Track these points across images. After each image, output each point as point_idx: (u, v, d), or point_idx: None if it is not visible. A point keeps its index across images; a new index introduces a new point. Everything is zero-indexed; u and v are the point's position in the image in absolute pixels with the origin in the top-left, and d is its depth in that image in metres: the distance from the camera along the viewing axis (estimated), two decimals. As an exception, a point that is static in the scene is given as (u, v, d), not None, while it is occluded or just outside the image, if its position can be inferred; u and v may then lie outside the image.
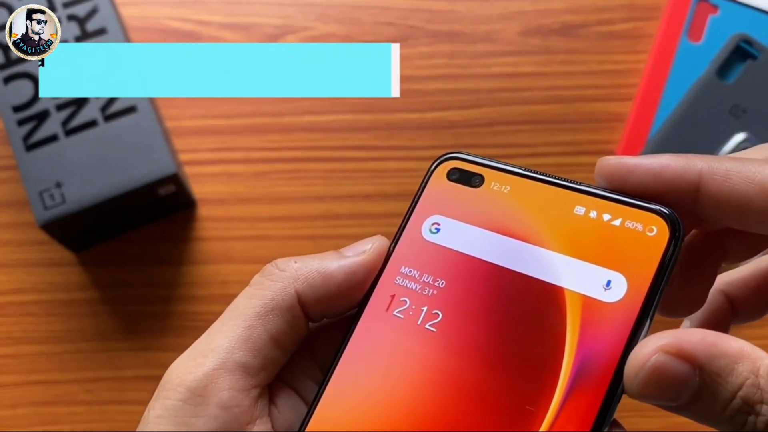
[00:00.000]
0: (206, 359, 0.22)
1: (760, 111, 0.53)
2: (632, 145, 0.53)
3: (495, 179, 0.24)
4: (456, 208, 0.24)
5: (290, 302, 0.23)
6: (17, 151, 0.48)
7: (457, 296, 0.23)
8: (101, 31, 0.50)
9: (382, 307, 0.24)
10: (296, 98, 0.55)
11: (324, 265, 0.24)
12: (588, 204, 0.23)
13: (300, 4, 0.57)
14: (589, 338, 0.21)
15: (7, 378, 0.50)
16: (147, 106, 0.49)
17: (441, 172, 0.25)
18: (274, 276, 0.24)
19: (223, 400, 0.22)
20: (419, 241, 0.24)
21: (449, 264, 0.24)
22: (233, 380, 0.22)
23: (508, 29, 0.57)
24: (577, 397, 0.21)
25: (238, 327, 0.23)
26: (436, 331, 0.23)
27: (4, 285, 0.51)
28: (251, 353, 0.23)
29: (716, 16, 0.56)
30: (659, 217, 0.22)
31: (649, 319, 0.21)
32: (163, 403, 0.22)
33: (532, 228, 0.23)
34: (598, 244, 0.22)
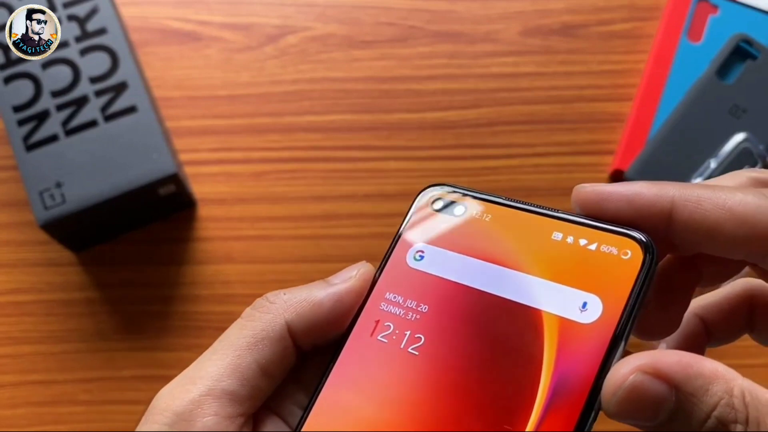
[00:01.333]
0: (194, 386, 0.23)
1: (759, 111, 0.53)
2: (632, 145, 0.53)
3: (477, 208, 0.25)
4: (440, 237, 0.25)
5: (281, 333, 0.24)
6: (17, 151, 0.48)
7: (439, 320, 0.24)
8: (101, 31, 0.50)
9: (367, 332, 0.24)
10: (296, 98, 0.55)
11: (312, 294, 0.24)
12: (565, 230, 0.24)
13: (300, 4, 0.57)
14: (566, 359, 0.22)
15: (7, 378, 0.50)
16: (147, 106, 0.49)
17: (426, 202, 0.26)
18: (265, 308, 0.24)
19: (208, 425, 0.22)
20: (404, 268, 0.25)
21: (432, 290, 0.24)
22: (219, 407, 0.23)
23: (508, 29, 0.57)
24: (553, 417, 0.21)
25: (227, 356, 0.23)
26: (418, 354, 0.23)
27: (4, 285, 0.51)
28: (239, 382, 0.23)
29: (716, 16, 0.56)
30: (633, 241, 0.22)
31: (623, 340, 0.22)
32: (150, 426, 0.22)
33: (512, 253, 0.24)
34: (574, 268, 0.23)
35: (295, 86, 0.56)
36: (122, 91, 0.49)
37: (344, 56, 0.56)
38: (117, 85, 0.49)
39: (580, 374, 0.21)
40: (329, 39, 0.57)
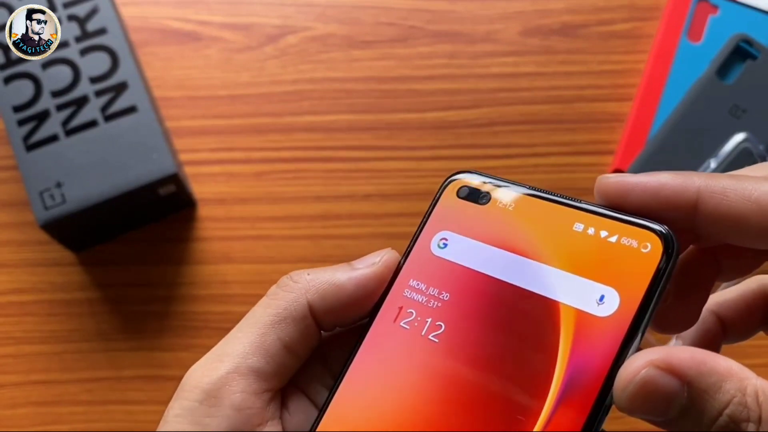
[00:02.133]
0: (222, 363, 0.24)
1: (759, 111, 0.53)
2: (632, 145, 0.53)
3: (501, 197, 0.26)
4: (464, 224, 0.26)
5: (303, 312, 0.24)
6: (17, 151, 0.48)
7: (459, 309, 0.24)
8: (101, 31, 0.50)
9: (390, 318, 0.25)
10: (296, 98, 0.55)
11: (335, 276, 0.25)
12: (586, 221, 0.24)
13: (300, 4, 0.57)
14: (581, 351, 0.22)
15: (8, 378, 0.50)
16: (147, 106, 0.49)
17: (451, 189, 0.27)
18: (288, 287, 0.25)
19: (236, 402, 0.23)
20: (428, 256, 0.26)
21: (454, 278, 0.25)
22: (246, 384, 0.23)
23: (508, 29, 0.57)
24: (565, 408, 0.21)
25: (252, 334, 0.24)
26: (438, 342, 0.24)
27: (5, 285, 0.51)
28: (264, 359, 0.24)
29: (716, 16, 0.56)
30: (653, 234, 0.22)
31: (639, 334, 0.22)
32: (180, 403, 0.23)
33: (533, 244, 0.24)
34: (594, 260, 0.23)
35: (295, 86, 0.56)
36: (122, 91, 0.49)
37: (344, 56, 0.56)
38: (117, 85, 0.49)
39: (594, 367, 0.21)
40: (329, 39, 0.57)
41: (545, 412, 0.21)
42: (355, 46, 0.57)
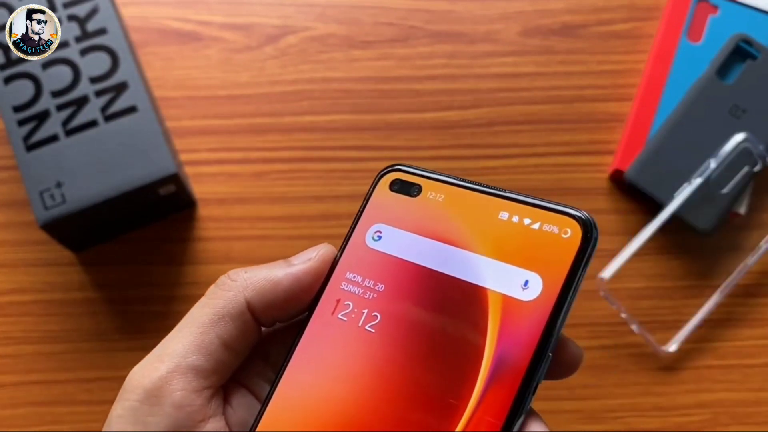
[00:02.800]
0: (162, 363, 0.24)
1: (759, 111, 0.53)
2: (632, 145, 0.53)
3: (431, 189, 0.27)
4: (397, 217, 0.27)
5: (241, 309, 0.25)
6: (17, 151, 0.48)
7: (394, 299, 0.25)
8: (101, 31, 0.50)
9: (328, 311, 0.26)
10: (296, 98, 0.55)
11: (272, 273, 0.26)
12: (511, 209, 0.25)
13: (300, 4, 0.57)
14: (508, 333, 0.23)
15: (7, 378, 0.50)
16: (147, 106, 0.49)
17: (384, 182, 0.28)
18: (226, 286, 0.26)
19: (176, 400, 0.24)
20: (363, 248, 0.27)
21: (388, 269, 0.26)
22: (186, 382, 0.24)
23: (508, 29, 0.57)
24: (495, 388, 0.23)
25: (191, 333, 0.25)
26: (374, 332, 0.25)
27: (4, 285, 0.51)
28: (204, 357, 0.24)
29: (716, 16, 0.56)
30: (573, 220, 0.24)
31: (562, 316, 0.23)
32: (122, 404, 0.24)
33: (462, 233, 0.25)
34: (518, 246, 0.24)
35: (295, 86, 0.56)
36: (122, 91, 0.49)
37: (344, 56, 0.56)
38: (117, 85, 0.49)
39: (521, 349, 0.23)
40: (329, 39, 0.57)
41: (476, 394, 0.23)
42: (355, 46, 0.57)
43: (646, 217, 0.52)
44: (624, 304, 0.51)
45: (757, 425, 0.50)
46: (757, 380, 0.51)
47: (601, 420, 0.49)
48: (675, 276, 0.52)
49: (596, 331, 0.51)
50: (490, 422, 0.22)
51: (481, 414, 0.22)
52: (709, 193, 0.51)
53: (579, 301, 0.53)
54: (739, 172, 0.51)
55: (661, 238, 0.52)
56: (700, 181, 0.51)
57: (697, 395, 0.50)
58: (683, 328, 0.51)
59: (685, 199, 0.50)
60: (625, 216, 0.53)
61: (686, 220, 0.51)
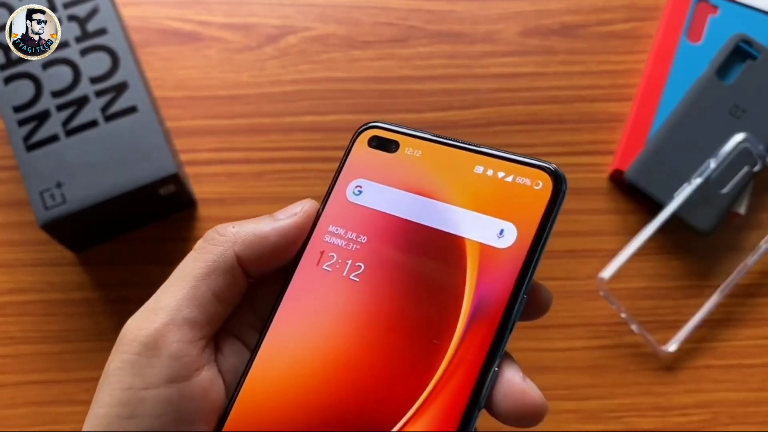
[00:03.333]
0: (157, 316, 0.25)
1: (759, 111, 0.53)
2: (632, 145, 0.53)
3: (409, 145, 0.28)
4: (376, 172, 0.28)
5: (230, 263, 0.26)
6: (18, 152, 0.48)
7: (376, 249, 0.26)
8: (101, 32, 0.50)
9: (312, 263, 0.27)
10: (296, 98, 0.55)
11: (259, 228, 0.27)
12: (486, 163, 0.26)
13: (300, 5, 0.58)
14: (485, 279, 0.25)
15: (7, 378, 0.50)
16: (147, 106, 0.49)
17: (362, 139, 0.29)
18: (215, 240, 0.27)
19: (173, 351, 0.24)
20: (344, 203, 0.28)
21: (370, 222, 0.27)
22: (181, 334, 0.25)
23: (507, 29, 0.57)
24: (475, 329, 0.24)
25: (184, 287, 0.26)
26: (358, 281, 0.26)
27: (4, 285, 0.51)
28: (197, 309, 0.25)
29: (716, 16, 0.56)
30: (544, 173, 0.25)
31: (534, 261, 0.24)
32: (120, 356, 0.25)
33: (439, 186, 0.27)
34: (493, 198, 0.26)
35: (295, 86, 0.56)
36: (122, 92, 0.49)
37: (344, 56, 0.56)
38: (117, 85, 0.49)
39: (498, 292, 0.24)
40: (329, 39, 0.57)
41: (457, 334, 0.24)
42: (355, 46, 0.57)
43: (646, 217, 0.52)
44: (624, 304, 0.51)
45: (756, 425, 0.50)
46: (757, 380, 0.51)
47: (600, 420, 0.49)
48: (675, 276, 0.52)
49: (596, 331, 0.51)
50: (471, 360, 0.24)
51: (463, 352, 0.24)
52: (709, 193, 0.51)
53: (579, 301, 0.54)
54: (738, 172, 0.51)
55: (661, 238, 0.52)
56: (700, 181, 0.51)
57: (697, 395, 0.50)
58: (683, 328, 0.51)
59: (685, 199, 0.50)
60: (625, 216, 0.53)
61: (686, 220, 0.51)
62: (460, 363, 0.24)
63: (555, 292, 0.26)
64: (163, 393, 0.24)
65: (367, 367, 0.25)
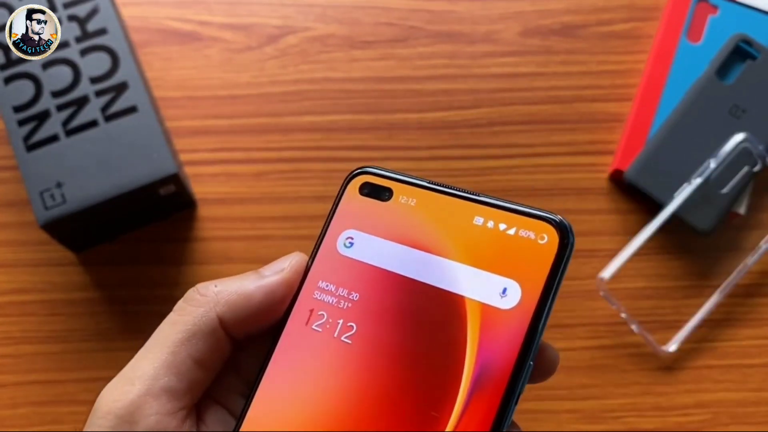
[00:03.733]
0: (133, 386, 0.23)
1: (759, 111, 0.53)
2: (632, 145, 0.53)
3: (402, 192, 0.26)
4: (368, 222, 0.26)
5: (212, 326, 0.24)
6: (18, 152, 0.48)
7: (369, 308, 0.24)
8: (102, 32, 0.50)
9: (302, 322, 0.25)
10: (296, 98, 0.55)
11: (243, 286, 0.25)
12: (485, 214, 0.24)
13: (300, 5, 0.58)
14: (488, 344, 0.22)
15: (7, 378, 0.50)
16: (147, 106, 0.49)
17: (353, 186, 0.27)
18: (196, 301, 0.25)
19: (150, 424, 0.23)
20: (335, 256, 0.26)
21: (362, 277, 0.25)
22: (159, 405, 0.23)
23: (507, 29, 0.57)
24: (477, 400, 0.22)
25: (162, 353, 0.24)
26: (351, 343, 0.24)
27: (5, 285, 0.51)
28: (176, 377, 0.23)
29: (716, 16, 0.56)
30: (549, 225, 0.23)
31: (542, 323, 0.22)
32: (94, 429, 0.23)
33: (436, 239, 0.24)
34: (495, 253, 0.23)
35: (295, 86, 0.56)
36: (122, 92, 0.49)
37: (344, 56, 0.56)
38: (117, 85, 0.49)
39: (502, 358, 0.22)
40: (329, 39, 0.57)
41: (458, 407, 0.22)
42: (355, 47, 0.57)
43: (646, 217, 0.52)
44: (624, 304, 0.51)
45: (756, 425, 0.50)
46: (757, 380, 0.51)
47: (600, 420, 0.49)
48: (675, 276, 0.52)
49: (596, 331, 0.51)
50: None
51: (464, 426, 0.22)
52: (709, 193, 0.51)
53: (579, 301, 0.54)
54: (738, 172, 0.51)
55: (661, 238, 0.52)
56: (700, 181, 0.51)
57: (697, 395, 0.50)
58: (683, 328, 0.51)
59: (685, 199, 0.50)
60: (625, 216, 0.53)
61: (686, 220, 0.51)
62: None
63: (555, 292, 0.25)
64: None
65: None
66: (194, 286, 0.26)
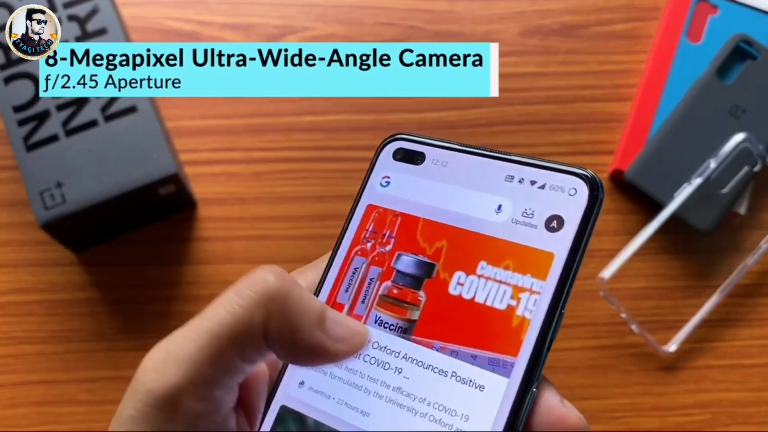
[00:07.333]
0: (177, 369, 0.22)
1: (759, 111, 0.53)
2: (632, 145, 0.53)
3: (435, 155, 0.27)
4: (402, 185, 0.27)
5: (257, 332, 0.23)
6: (18, 152, 0.48)
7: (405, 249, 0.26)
8: (101, 32, 0.50)
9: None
10: (296, 98, 0.55)
11: (300, 324, 0.23)
12: (516, 172, 0.25)
13: (300, 5, 0.57)
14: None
15: (8, 378, 0.50)
16: (147, 106, 0.49)
17: (387, 153, 0.28)
18: (255, 298, 0.23)
19: (191, 411, 0.22)
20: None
21: (398, 228, 0.26)
22: (201, 393, 0.22)
23: (508, 29, 0.57)
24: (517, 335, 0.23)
25: (209, 341, 0.22)
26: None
27: (5, 285, 0.51)
28: (220, 369, 0.22)
29: (716, 16, 0.56)
30: (579, 179, 0.25)
31: (573, 272, 0.23)
32: (134, 404, 0.22)
33: (469, 197, 0.26)
34: (526, 207, 0.25)
35: (295, 86, 0.56)
36: (122, 92, 0.49)
37: (344, 56, 0.56)
38: (117, 85, 0.49)
39: (542, 297, 0.23)
40: (329, 39, 0.57)
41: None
42: (355, 46, 0.57)
43: (646, 217, 0.52)
44: (624, 304, 0.51)
45: (756, 425, 0.50)
46: (757, 380, 0.51)
47: (601, 420, 0.49)
48: (675, 276, 0.52)
49: (596, 331, 0.51)
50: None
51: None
52: (709, 193, 0.51)
53: (579, 301, 0.53)
54: (739, 172, 0.51)
55: (661, 238, 0.52)
56: (700, 181, 0.51)
57: (697, 395, 0.50)
58: (683, 328, 0.51)
59: (685, 199, 0.50)
60: (625, 216, 0.53)
61: (686, 220, 0.51)
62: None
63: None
64: None
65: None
66: (265, 275, 0.23)
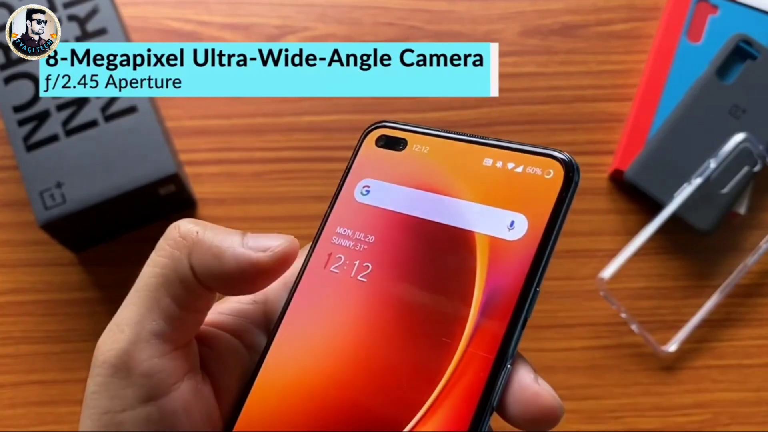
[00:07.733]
0: (123, 334, 0.23)
1: (759, 111, 0.53)
2: (632, 145, 0.53)
3: (416, 142, 0.28)
4: (384, 171, 0.28)
5: (186, 274, 0.24)
6: (17, 151, 0.48)
7: (384, 249, 0.26)
8: (101, 32, 0.50)
9: (320, 265, 0.27)
10: (296, 98, 0.55)
11: (220, 249, 0.24)
12: (494, 155, 0.26)
13: (300, 5, 0.57)
14: (496, 273, 0.24)
15: (7, 378, 0.50)
16: (147, 106, 0.49)
17: (370, 139, 0.29)
18: (174, 243, 0.24)
19: (144, 369, 0.23)
20: (352, 203, 0.28)
21: (378, 221, 0.27)
22: (151, 349, 0.23)
23: (508, 29, 0.57)
24: (485, 326, 0.23)
25: (145, 298, 0.24)
26: (366, 281, 0.26)
27: (4, 285, 0.51)
28: (163, 321, 0.23)
29: (716, 16, 0.56)
30: (555, 161, 0.25)
31: (548, 250, 0.24)
32: (94, 380, 0.23)
33: (448, 181, 0.26)
34: (503, 190, 0.25)
35: (295, 86, 0.56)
36: (122, 91, 0.49)
37: (344, 56, 0.56)
38: (117, 85, 0.49)
39: (509, 286, 0.23)
40: (329, 39, 0.57)
41: (467, 332, 0.23)
42: (355, 46, 0.57)
43: (646, 217, 0.52)
44: (624, 304, 0.51)
45: (756, 425, 0.50)
46: (757, 380, 0.51)
47: (601, 420, 0.49)
48: (675, 276, 0.52)
49: (596, 331, 0.51)
50: (482, 357, 0.23)
51: (474, 349, 0.23)
52: (709, 193, 0.51)
53: (579, 301, 0.53)
54: (739, 172, 0.51)
55: (661, 238, 0.52)
56: (700, 181, 0.51)
57: (697, 395, 0.50)
58: (683, 328, 0.51)
59: (685, 199, 0.50)
60: (625, 216, 0.53)
61: (686, 220, 0.51)
62: (470, 361, 0.23)
63: (555, 292, 0.25)
64: (142, 413, 0.23)
65: (377, 368, 0.24)
66: (176, 224, 0.24)
